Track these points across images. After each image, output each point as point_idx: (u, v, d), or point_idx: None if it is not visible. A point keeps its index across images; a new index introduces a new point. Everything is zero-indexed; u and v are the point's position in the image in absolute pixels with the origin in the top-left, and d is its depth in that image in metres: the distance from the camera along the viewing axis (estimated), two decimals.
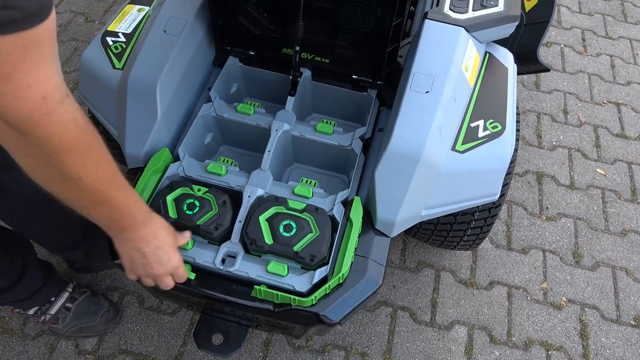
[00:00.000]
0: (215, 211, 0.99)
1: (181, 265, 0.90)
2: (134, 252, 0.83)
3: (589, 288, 1.64)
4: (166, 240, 0.85)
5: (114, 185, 0.73)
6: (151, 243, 0.82)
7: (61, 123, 0.60)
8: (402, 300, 1.58)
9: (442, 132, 1.03)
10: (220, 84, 1.23)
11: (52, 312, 1.39)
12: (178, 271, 0.89)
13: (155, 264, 0.84)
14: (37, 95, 0.56)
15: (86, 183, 0.67)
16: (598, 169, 1.93)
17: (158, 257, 0.84)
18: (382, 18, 1.09)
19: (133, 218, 0.78)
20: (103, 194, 0.71)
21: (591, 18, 2.51)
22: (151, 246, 0.83)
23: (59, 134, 0.61)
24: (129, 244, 0.82)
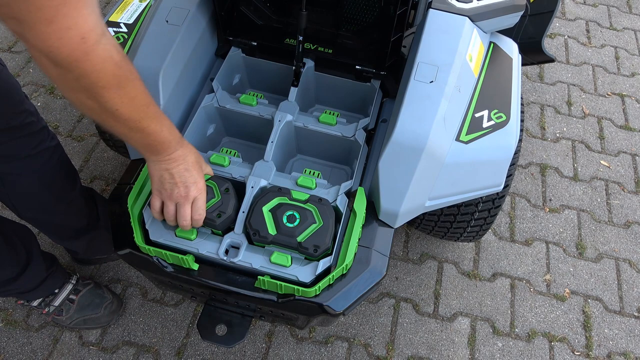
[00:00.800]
0: (217, 198, 0.99)
1: (203, 194, 0.93)
2: (164, 173, 0.88)
3: (592, 279, 1.63)
4: (194, 164, 0.91)
5: (148, 115, 0.79)
6: (180, 165, 0.88)
7: (99, 61, 0.66)
8: (405, 292, 1.58)
9: (446, 122, 1.03)
10: (223, 74, 1.22)
11: (56, 303, 1.39)
12: (198, 201, 0.92)
13: (181, 185, 0.89)
14: (76, 36, 0.61)
15: (123, 114, 0.74)
16: (602, 161, 1.93)
17: (185, 178, 0.89)
18: (386, 7, 1.08)
19: (166, 143, 0.85)
20: (138, 122, 0.78)
21: (595, 9, 2.50)
22: (180, 167, 0.88)
23: (97, 71, 0.66)
24: (161, 165, 0.88)
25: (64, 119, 1.92)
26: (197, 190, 0.91)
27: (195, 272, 0.98)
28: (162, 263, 0.99)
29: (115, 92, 0.71)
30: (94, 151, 1.85)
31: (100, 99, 0.70)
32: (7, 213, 1.65)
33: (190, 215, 0.92)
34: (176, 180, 0.89)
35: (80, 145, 1.86)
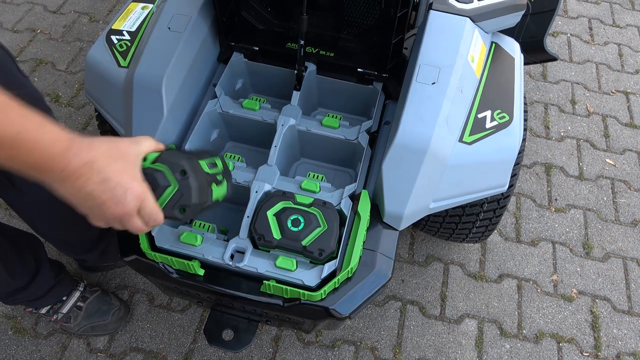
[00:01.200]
0: (174, 187, 0.74)
1: (147, 197, 0.69)
2: (79, 196, 0.63)
3: (599, 279, 1.62)
4: (112, 167, 0.64)
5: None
6: (92, 177, 0.62)
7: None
8: (411, 295, 1.57)
9: (449, 123, 1.03)
10: (226, 80, 1.22)
11: (64, 311, 1.40)
12: (146, 206, 0.69)
13: (111, 202, 0.64)
14: None
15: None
16: (607, 159, 1.92)
17: (110, 192, 0.64)
18: (386, 10, 1.08)
19: (43, 151, 0.58)
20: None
21: (598, 6, 2.49)
22: (93, 181, 0.62)
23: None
24: (67, 187, 0.62)
25: (69, 127, 1.93)
26: (136, 198, 0.67)
27: (201, 278, 0.98)
28: (168, 269, 0.99)
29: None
30: None
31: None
32: (15, 222, 1.67)
33: (142, 226, 0.71)
34: (101, 200, 0.64)
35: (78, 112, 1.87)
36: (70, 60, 2.17)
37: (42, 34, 2.27)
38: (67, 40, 2.25)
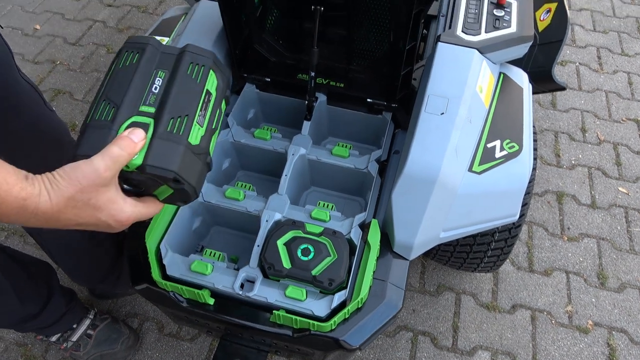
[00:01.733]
0: (170, 191, 0.71)
1: (137, 214, 0.66)
2: (73, 227, 0.60)
3: (615, 310, 1.59)
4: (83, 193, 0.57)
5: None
6: (67, 212, 0.57)
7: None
8: (422, 325, 1.55)
9: (458, 153, 1.03)
10: (238, 110, 1.25)
11: (74, 339, 1.40)
12: (139, 218, 0.67)
13: (103, 227, 0.62)
14: None
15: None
16: (620, 188, 1.90)
17: (96, 219, 0.61)
18: (395, 43, 1.10)
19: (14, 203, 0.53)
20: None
21: (606, 36, 2.51)
22: (71, 214, 0.58)
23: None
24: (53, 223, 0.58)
25: None
26: (124, 223, 0.64)
27: (211, 307, 0.98)
28: (178, 298, 0.99)
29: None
30: None
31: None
32: (29, 248, 1.69)
33: (144, 216, 0.68)
34: (94, 225, 0.62)
35: None
36: (88, 90, 2.23)
37: (62, 65, 2.34)
38: (85, 70, 2.31)
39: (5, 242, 1.75)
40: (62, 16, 2.58)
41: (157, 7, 2.64)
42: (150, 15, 2.60)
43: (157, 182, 0.68)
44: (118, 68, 0.72)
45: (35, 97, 1.09)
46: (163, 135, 0.67)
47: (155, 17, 2.57)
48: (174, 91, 0.71)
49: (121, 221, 0.63)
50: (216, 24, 1.24)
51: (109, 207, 0.61)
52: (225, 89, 0.79)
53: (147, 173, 0.65)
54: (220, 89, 0.78)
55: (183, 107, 0.70)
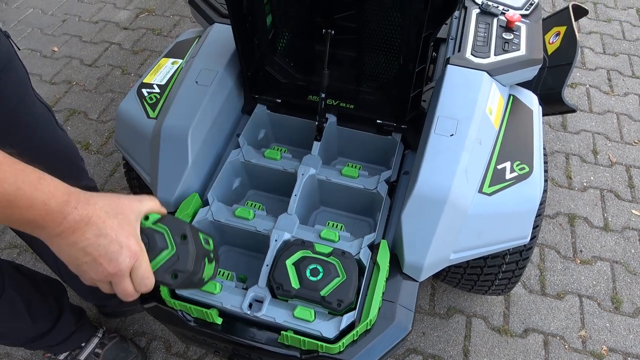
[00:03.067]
0: (171, 251, 0.71)
1: (142, 258, 0.66)
2: (72, 251, 0.61)
3: (630, 336, 1.55)
4: (109, 223, 0.62)
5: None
6: (87, 232, 0.60)
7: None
8: (432, 348, 1.53)
9: (468, 174, 1.03)
10: (249, 130, 1.27)
11: (82, 357, 1.39)
12: (138, 270, 0.65)
13: (103, 259, 0.62)
14: None
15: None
16: (633, 210, 1.87)
17: (104, 248, 0.61)
18: (405, 65, 1.11)
19: (39, 208, 0.56)
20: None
21: (616, 58, 2.51)
22: (89, 236, 0.60)
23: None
24: (61, 242, 0.60)
25: (97, 173, 2.00)
26: (130, 257, 0.64)
27: (218, 327, 0.98)
28: (186, 317, 0.99)
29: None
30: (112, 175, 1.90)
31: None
32: (40, 265, 1.70)
33: (132, 290, 0.66)
34: (94, 256, 0.61)
35: None
36: (102, 110, 2.27)
37: (77, 85, 2.39)
38: (100, 91, 2.36)
39: (17, 259, 1.76)
40: (79, 39, 2.65)
41: (171, 29, 2.71)
42: (165, 38, 2.66)
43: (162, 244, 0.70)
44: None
45: (48, 117, 1.12)
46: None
47: (169, 40, 2.62)
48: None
49: (130, 249, 0.64)
50: (229, 46, 1.26)
51: (131, 230, 0.65)
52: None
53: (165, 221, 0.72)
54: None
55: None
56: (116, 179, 1.99)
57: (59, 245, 0.61)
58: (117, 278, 0.64)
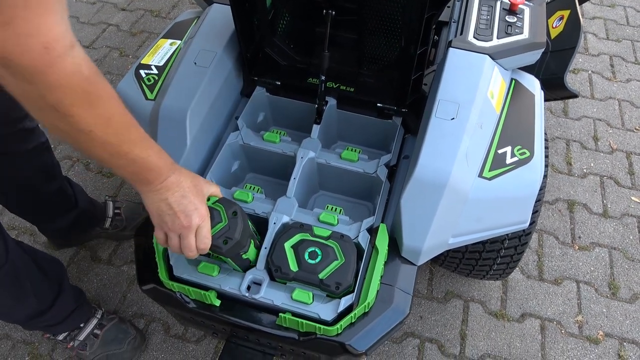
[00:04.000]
0: (224, 223, 0.90)
1: (206, 220, 0.85)
2: (161, 204, 0.80)
3: (627, 321, 1.56)
4: (191, 189, 0.83)
5: (130, 139, 0.71)
6: (176, 192, 0.80)
7: (65, 74, 0.59)
8: (429, 332, 1.54)
9: (468, 158, 1.03)
10: (248, 113, 1.25)
11: (81, 338, 1.40)
12: (202, 229, 0.84)
13: (181, 214, 0.81)
14: (38, 45, 0.55)
15: (98, 136, 0.66)
16: (633, 197, 1.87)
17: (184, 206, 0.81)
18: (406, 47, 1.10)
19: (155, 170, 0.77)
20: (118, 147, 0.70)
21: (619, 44, 2.49)
22: (176, 195, 0.80)
23: (63, 86, 0.60)
24: (155, 196, 0.79)
25: None
26: (200, 217, 0.83)
27: (217, 308, 0.98)
28: (184, 299, 1.00)
29: (87, 110, 0.64)
30: (123, 187, 1.90)
31: (70, 119, 0.63)
32: (38, 247, 1.70)
33: (195, 245, 0.85)
34: (175, 210, 0.81)
35: (109, 181, 1.92)
36: None
37: None
38: None
39: None
40: (76, 20, 2.62)
41: (170, 11, 2.67)
42: (163, 19, 2.63)
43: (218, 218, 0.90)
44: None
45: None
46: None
47: (168, 21, 2.59)
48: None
49: (200, 212, 0.83)
50: (228, 27, 1.24)
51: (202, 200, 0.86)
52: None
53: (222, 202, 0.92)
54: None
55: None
56: None
57: (152, 198, 0.80)
58: (186, 231, 0.82)
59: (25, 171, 1.33)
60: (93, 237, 1.70)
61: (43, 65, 0.56)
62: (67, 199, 1.50)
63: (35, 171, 1.35)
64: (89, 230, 1.65)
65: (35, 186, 1.38)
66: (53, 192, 1.44)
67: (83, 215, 1.57)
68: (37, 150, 1.33)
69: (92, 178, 1.93)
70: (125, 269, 1.68)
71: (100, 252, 1.72)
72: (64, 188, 1.48)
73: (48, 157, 1.39)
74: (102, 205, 1.68)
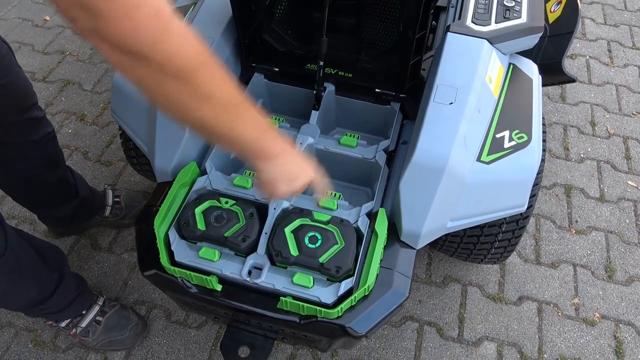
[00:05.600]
0: (242, 223, 1.00)
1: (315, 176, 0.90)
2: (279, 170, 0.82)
3: (623, 304, 1.58)
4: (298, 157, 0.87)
5: (244, 99, 0.71)
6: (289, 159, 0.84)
7: (180, 37, 0.58)
8: (428, 316, 1.56)
9: (466, 143, 1.03)
10: None
11: (83, 325, 1.42)
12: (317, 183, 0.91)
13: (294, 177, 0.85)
14: (148, 13, 0.54)
15: (220, 99, 0.66)
16: (629, 181, 1.89)
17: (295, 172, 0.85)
18: (404, 32, 1.10)
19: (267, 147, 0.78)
20: (238, 107, 0.70)
21: (617, 29, 2.48)
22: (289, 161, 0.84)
23: (181, 50, 0.58)
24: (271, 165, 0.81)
25: (93, 145, 1.99)
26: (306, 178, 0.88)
27: (218, 293, 1.00)
28: (186, 284, 1.01)
29: (206, 72, 0.63)
30: (122, 175, 1.90)
31: (192, 84, 0.62)
32: (38, 236, 1.71)
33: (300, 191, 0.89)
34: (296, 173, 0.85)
35: (108, 169, 1.92)
36: (97, 81, 2.24)
37: (71, 55, 2.35)
38: (94, 62, 2.33)
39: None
40: None
41: None
42: None
43: (236, 215, 1.03)
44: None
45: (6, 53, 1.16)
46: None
47: None
48: None
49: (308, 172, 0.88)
50: (225, 13, 1.24)
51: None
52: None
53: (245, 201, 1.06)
54: None
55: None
56: (112, 150, 1.98)
57: (267, 166, 0.81)
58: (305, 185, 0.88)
59: (32, 160, 1.33)
60: (93, 225, 1.70)
61: (158, 31, 0.55)
62: (69, 187, 1.50)
63: (41, 160, 1.36)
64: (89, 218, 1.66)
65: (40, 175, 1.38)
66: (56, 181, 1.45)
67: (83, 204, 1.57)
68: (44, 140, 1.33)
69: (91, 167, 1.93)
70: (125, 257, 1.69)
71: (101, 240, 1.73)
72: (66, 177, 1.48)
73: (53, 146, 1.40)
74: (102, 193, 1.68)
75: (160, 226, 1.03)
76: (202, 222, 1.01)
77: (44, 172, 1.38)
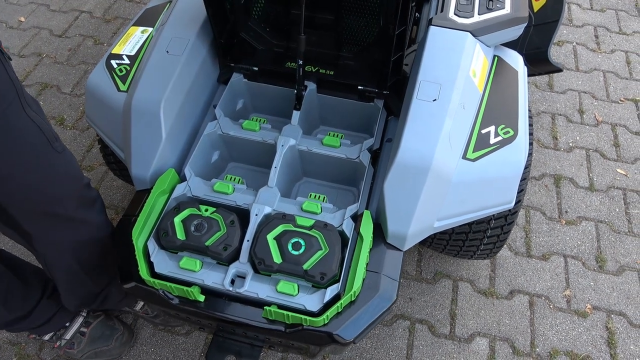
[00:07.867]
0: (223, 231, 0.97)
1: None
2: None
3: (614, 294, 1.57)
4: None
5: None
6: None
7: None
8: (419, 313, 1.54)
9: (451, 140, 1.01)
10: (226, 101, 1.22)
11: (67, 337, 1.38)
12: None
13: None
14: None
15: None
16: (618, 169, 1.87)
17: None
18: (385, 27, 1.07)
19: None
20: None
21: (603, 14, 2.46)
22: None
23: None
24: None
25: (74, 150, 1.94)
26: None
27: (201, 304, 0.97)
28: (168, 295, 0.97)
29: None
30: (104, 180, 1.86)
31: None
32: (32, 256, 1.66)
33: None
34: None
35: (90, 174, 1.87)
36: (75, 83, 2.18)
37: (48, 57, 2.29)
38: (72, 63, 2.27)
39: (11, 250, 1.73)
40: (47, 7, 2.53)
41: None
42: (138, 5, 2.54)
43: (217, 223, 1.00)
44: None
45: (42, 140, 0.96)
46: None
47: (142, 6, 2.51)
48: None
49: None
50: (200, 12, 1.20)
51: None
52: None
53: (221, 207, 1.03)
54: None
55: None
56: (94, 154, 1.93)
57: None
58: None
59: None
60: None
61: None
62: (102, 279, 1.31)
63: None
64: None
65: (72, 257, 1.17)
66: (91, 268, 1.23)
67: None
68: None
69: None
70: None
71: None
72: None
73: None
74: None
75: (138, 237, 1.00)
76: (182, 232, 0.98)
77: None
